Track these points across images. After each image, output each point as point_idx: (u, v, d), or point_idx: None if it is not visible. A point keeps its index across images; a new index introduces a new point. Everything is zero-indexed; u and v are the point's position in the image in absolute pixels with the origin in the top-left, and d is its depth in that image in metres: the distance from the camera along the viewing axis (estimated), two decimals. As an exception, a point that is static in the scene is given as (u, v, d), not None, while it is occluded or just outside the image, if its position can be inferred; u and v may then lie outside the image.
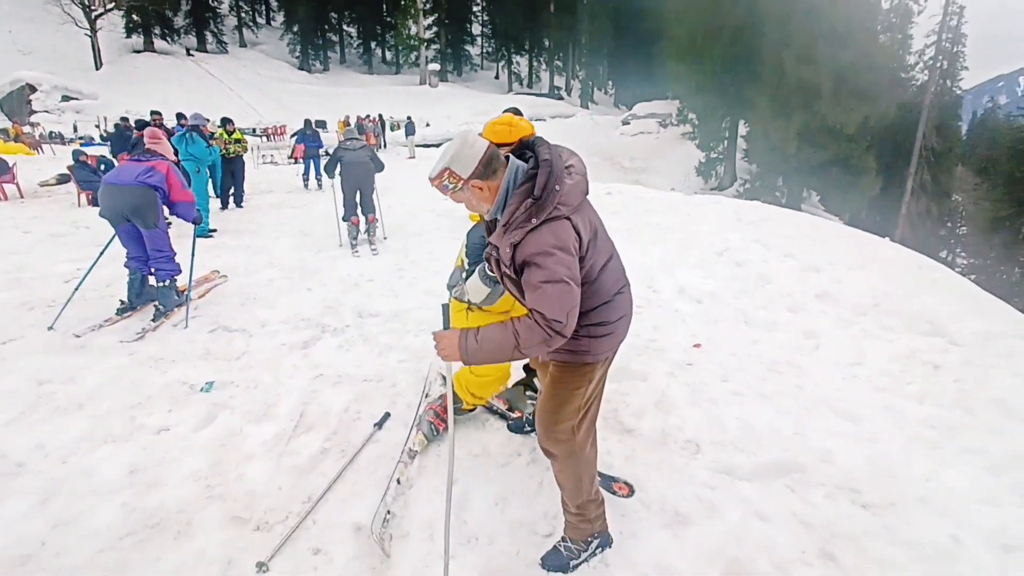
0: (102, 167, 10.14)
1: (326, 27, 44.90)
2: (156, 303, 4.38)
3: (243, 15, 43.47)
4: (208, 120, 7.75)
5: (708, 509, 2.29)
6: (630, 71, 49.13)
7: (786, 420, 2.89)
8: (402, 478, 2.53)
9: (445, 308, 2.23)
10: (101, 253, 4.53)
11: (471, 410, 2.92)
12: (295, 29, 43.18)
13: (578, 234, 1.64)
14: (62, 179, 12.41)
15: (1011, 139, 31.12)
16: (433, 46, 44.43)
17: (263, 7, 47.88)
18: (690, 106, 31.09)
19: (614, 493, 2.38)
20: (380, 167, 6.99)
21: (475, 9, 48.09)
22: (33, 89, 26.76)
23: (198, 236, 5.24)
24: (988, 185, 31.66)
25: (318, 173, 12.58)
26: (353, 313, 4.54)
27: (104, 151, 15.89)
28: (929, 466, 2.58)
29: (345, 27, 46.80)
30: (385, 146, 23.98)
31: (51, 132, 23.77)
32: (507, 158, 1.71)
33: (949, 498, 2.37)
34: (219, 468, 2.60)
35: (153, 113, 9.42)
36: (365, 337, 4.06)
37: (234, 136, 9.67)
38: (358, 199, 6.90)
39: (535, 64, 48.72)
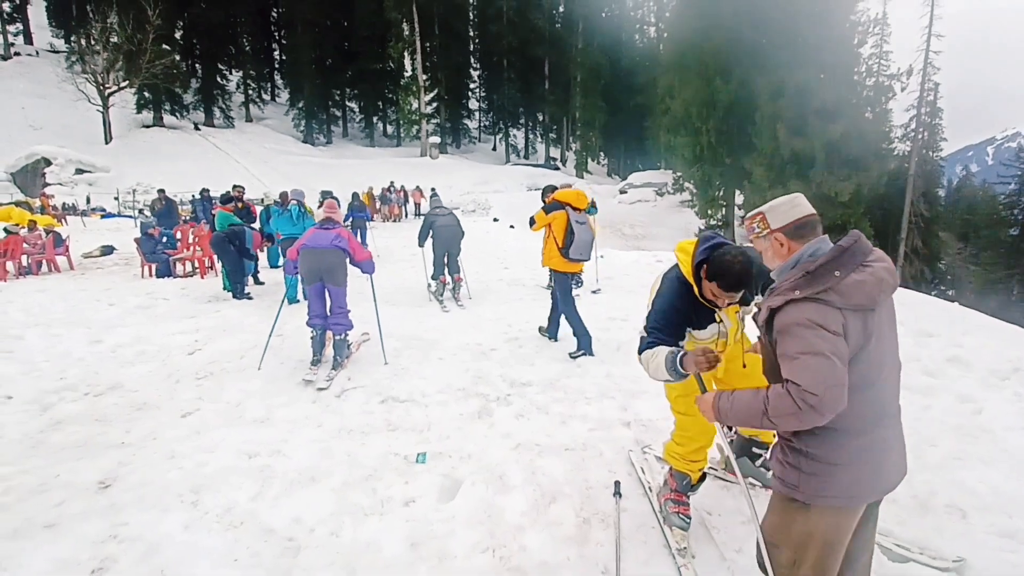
0: (164, 239, 10.29)
1: (329, 103, 46.63)
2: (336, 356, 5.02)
3: (250, 92, 45.01)
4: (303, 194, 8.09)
5: None
6: (622, 143, 51.51)
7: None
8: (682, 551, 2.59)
9: (697, 375, 2.15)
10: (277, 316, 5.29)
11: (699, 482, 2.85)
12: (300, 105, 44.74)
13: (845, 330, 1.53)
14: (106, 251, 12.55)
15: (990, 206, 32.94)
16: (433, 120, 46.24)
17: (269, 85, 49.74)
18: (686, 176, 32.39)
19: None
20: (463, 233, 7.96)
21: (472, 87, 50.47)
22: (48, 163, 27.11)
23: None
24: (971, 249, 33.32)
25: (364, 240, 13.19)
26: (505, 382, 4.64)
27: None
28: None
29: (348, 103, 48.68)
30: (407, 215, 24.63)
31: (63, 204, 23.95)
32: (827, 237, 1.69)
33: None
34: (498, 539, 2.65)
35: (236, 187, 9.77)
36: (536, 406, 4.15)
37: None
38: (446, 260, 7.74)
39: (531, 136, 50.84)
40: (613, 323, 6.49)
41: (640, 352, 2.32)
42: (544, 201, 6.14)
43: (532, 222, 5.58)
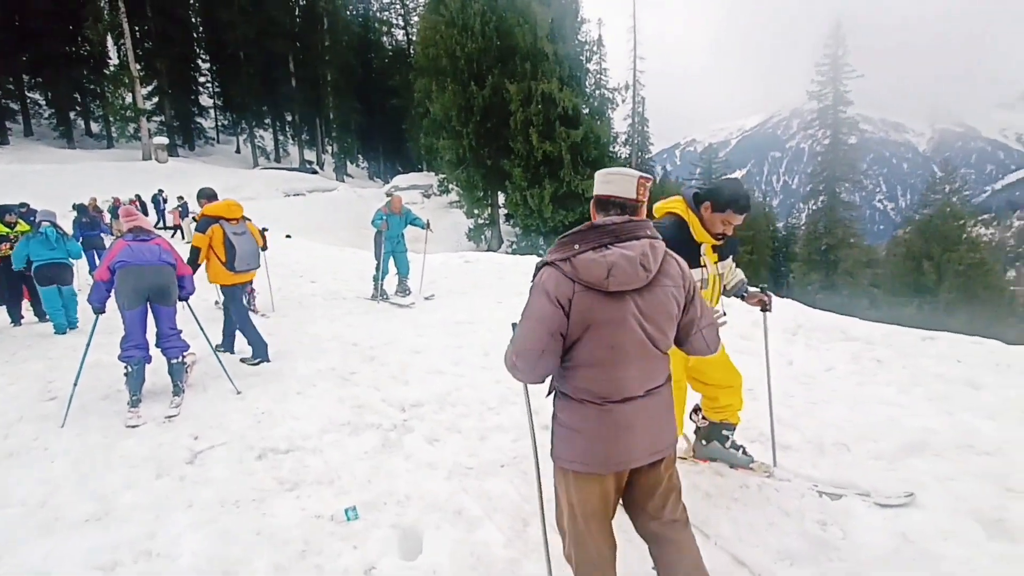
0: None
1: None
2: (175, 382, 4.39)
3: None
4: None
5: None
6: (381, 145, 50.82)
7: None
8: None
9: None
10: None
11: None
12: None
13: (567, 304, 1.63)
14: None
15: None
16: (155, 118, 39.60)
17: None
18: (451, 177, 33.46)
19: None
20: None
21: (203, 80, 44.50)
22: None
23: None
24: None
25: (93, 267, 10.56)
26: (392, 407, 4.21)
27: None
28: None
29: (29, 93, 38.68)
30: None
31: None
32: (621, 213, 1.77)
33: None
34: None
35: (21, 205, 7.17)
36: (443, 426, 3.85)
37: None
38: None
39: (281, 138, 46.90)
40: (462, 327, 6.38)
41: None
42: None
43: (194, 252, 5.24)
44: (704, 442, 3.19)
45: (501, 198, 32.82)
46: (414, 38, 45.83)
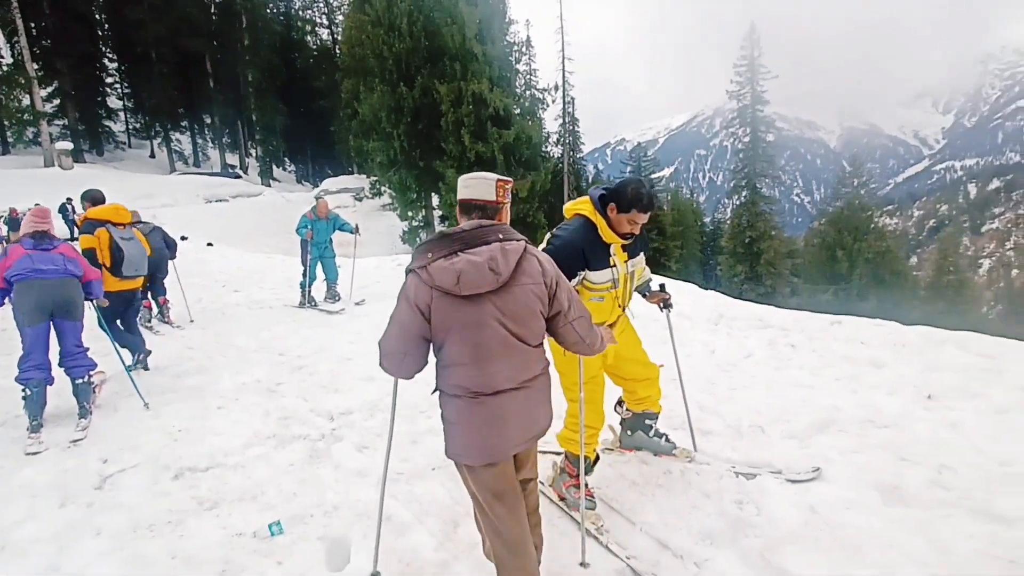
0: None
1: None
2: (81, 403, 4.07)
3: None
4: None
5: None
6: (308, 147, 49.27)
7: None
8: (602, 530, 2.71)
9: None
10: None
11: (595, 463, 2.98)
12: None
13: (425, 307, 1.76)
14: None
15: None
16: (57, 121, 36.80)
17: None
18: (383, 180, 32.90)
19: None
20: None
21: (110, 81, 41.67)
22: None
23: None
24: (610, 229, 42.13)
25: None
26: (321, 416, 4.09)
27: None
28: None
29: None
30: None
31: None
32: (482, 215, 1.91)
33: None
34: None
35: None
36: (374, 433, 3.78)
37: None
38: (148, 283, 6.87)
39: (200, 141, 44.57)
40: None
41: None
42: None
43: (89, 254, 4.96)
44: (629, 432, 3.29)
45: (435, 199, 32.56)
46: (339, 37, 44.71)
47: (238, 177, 39.76)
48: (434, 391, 1.97)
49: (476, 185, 1.91)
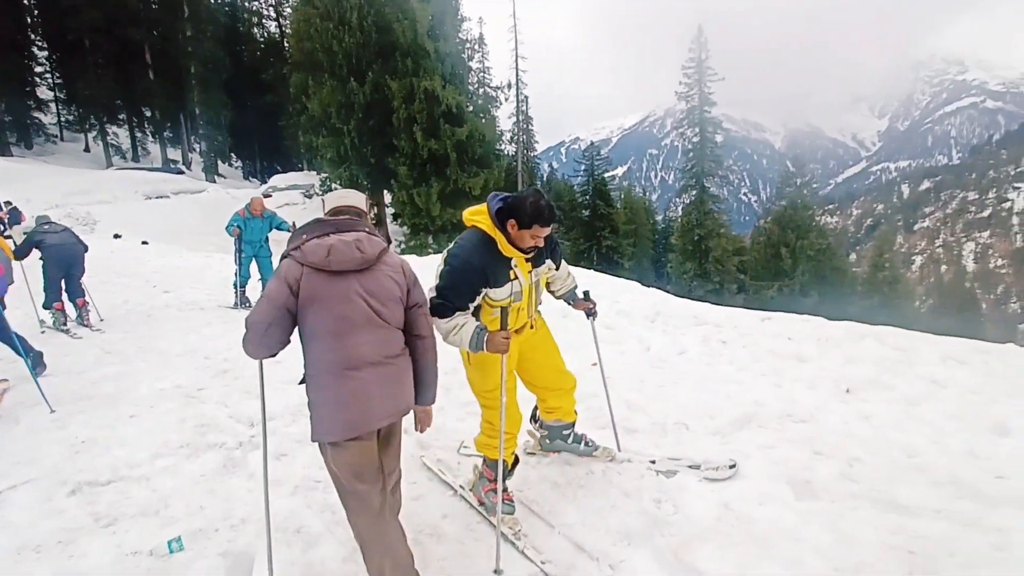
0: None
1: None
2: None
3: None
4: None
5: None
6: (256, 143, 47.70)
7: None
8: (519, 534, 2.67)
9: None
10: None
11: (513, 467, 2.93)
12: None
13: (295, 284, 1.95)
14: None
15: (570, 194, 42.37)
16: (-21, 112, 34.60)
17: None
18: (333, 177, 32.15)
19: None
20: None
21: (40, 71, 39.34)
22: None
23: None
24: (563, 228, 42.40)
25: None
26: (240, 423, 3.91)
27: None
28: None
29: None
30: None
31: None
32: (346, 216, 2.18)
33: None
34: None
35: None
36: (292, 439, 3.63)
37: None
38: (63, 285, 6.77)
39: (139, 135, 42.53)
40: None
41: (435, 314, 2.40)
42: None
43: None
44: (548, 440, 3.24)
45: (388, 197, 32.07)
46: (288, 30, 43.41)
47: (181, 173, 38.17)
48: (301, 381, 2.11)
49: (351, 196, 2.28)
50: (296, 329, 2.03)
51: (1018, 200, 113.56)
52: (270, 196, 35.73)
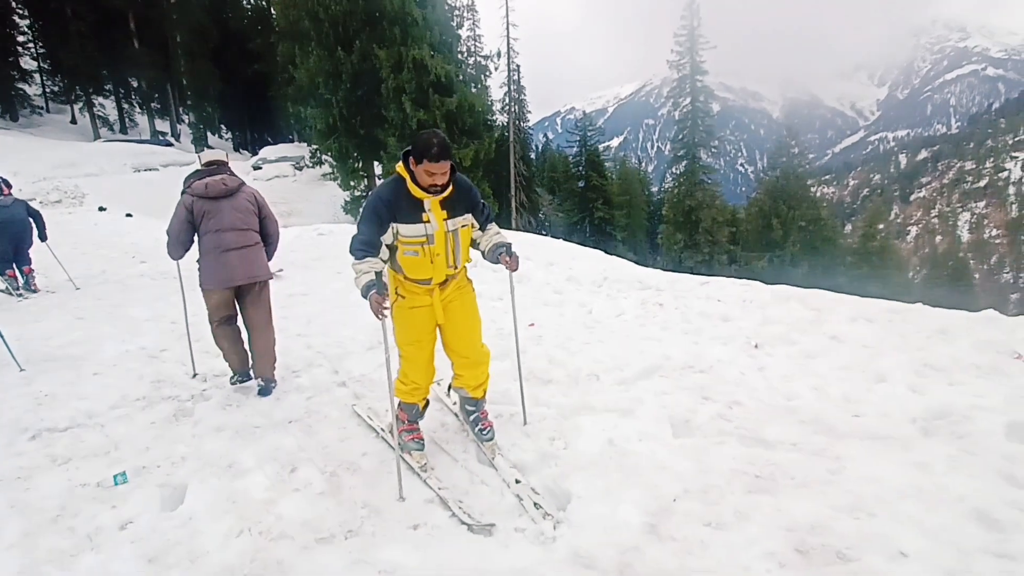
0: None
1: None
2: None
3: None
4: None
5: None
6: (245, 114, 47.25)
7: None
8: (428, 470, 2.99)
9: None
10: None
11: (424, 409, 3.20)
12: None
13: (190, 208, 3.70)
14: None
15: (564, 165, 42.25)
16: (-36, 83, 34.22)
17: None
18: (323, 148, 32.05)
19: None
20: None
21: (22, 40, 38.76)
22: None
23: None
24: (557, 200, 42.41)
25: None
26: (195, 380, 4.23)
27: None
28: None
29: None
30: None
31: None
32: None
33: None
34: (251, 519, 2.59)
35: None
36: (242, 392, 3.95)
37: None
38: (13, 254, 7.44)
39: (126, 107, 42.14)
40: (294, 299, 6.44)
41: (352, 252, 2.73)
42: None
43: None
44: (456, 403, 3.46)
45: (378, 168, 32.00)
46: (274, -2, 42.65)
47: (169, 145, 37.97)
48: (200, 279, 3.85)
49: (218, 153, 4.08)
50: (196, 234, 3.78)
51: (1015, 170, 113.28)
52: (260, 168, 35.67)
